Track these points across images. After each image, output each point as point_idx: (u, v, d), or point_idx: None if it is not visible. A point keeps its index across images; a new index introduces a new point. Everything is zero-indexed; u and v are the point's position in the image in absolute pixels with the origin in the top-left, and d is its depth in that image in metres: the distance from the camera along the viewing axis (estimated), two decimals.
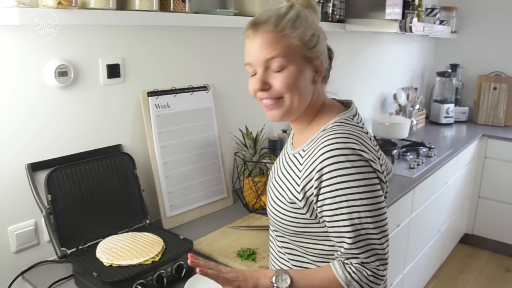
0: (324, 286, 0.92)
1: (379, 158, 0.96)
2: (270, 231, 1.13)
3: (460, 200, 3.09)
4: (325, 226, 0.93)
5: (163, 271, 1.17)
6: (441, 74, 3.53)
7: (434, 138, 2.99)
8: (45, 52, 1.26)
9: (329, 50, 1.02)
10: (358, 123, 0.99)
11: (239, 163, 1.79)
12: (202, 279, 1.20)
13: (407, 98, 3.13)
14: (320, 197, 0.91)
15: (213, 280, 0.89)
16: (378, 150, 1.00)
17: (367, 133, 0.98)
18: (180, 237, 1.31)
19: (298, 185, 0.94)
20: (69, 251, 1.25)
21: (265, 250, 1.37)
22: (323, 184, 0.89)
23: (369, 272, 0.90)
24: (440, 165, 2.45)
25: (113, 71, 1.42)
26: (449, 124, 3.46)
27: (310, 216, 0.95)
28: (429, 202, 2.48)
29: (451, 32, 3.51)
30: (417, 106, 3.20)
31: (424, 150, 2.58)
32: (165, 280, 1.17)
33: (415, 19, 2.26)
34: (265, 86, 0.93)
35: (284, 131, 2.13)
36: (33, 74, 1.25)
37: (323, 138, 0.93)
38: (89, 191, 1.34)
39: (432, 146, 2.65)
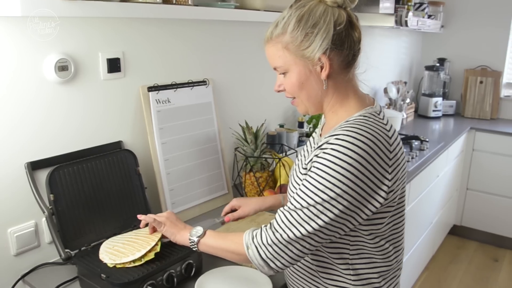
0: (228, 246, 1.00)
1: (391, 159, 0.90)
2: None
3: (450, 192, 3.14)
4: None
5: (172, 271, 1.14)
6: (429, 68, 3.57)
7: (423, 132, 3.02)
8: (45, 46, 1.20)
9: (349, 36, 0.98)
10: (382, 119, 0.96)
11: (239, 159, 1.76)
12: (212, 277, 1.18)
13: (398, 92, 3.15)
14: (312, 165, 0.92)
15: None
16: (398, 144, 0.96)
17: (389, 130, 0.94)
18: None
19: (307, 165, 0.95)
20: (72, 253, 1.21)
21: None
22: (323, 152, 0.89)
23: (269, 239, 0.91)
24: (433, 158, 2.47)
25: (114, 65, 1.37)
26: (437, 118, 3.51)
27: None
28: (423, 195, 2.50)
29: (441, 26, 3.54)
30: (408, 100, 3.23)
31: (416, 143, 2.60)
32: (175, 279, 1.14)
33: (410, 13, 2.27)
34: (280, 87, 1.02)
35: (282, 126, 2.11)
36: (32, 68, 1.19)
37: (343, 127, 0.91)
38: (92, 190, 1.30)
39: (427, 140, 2.67)
